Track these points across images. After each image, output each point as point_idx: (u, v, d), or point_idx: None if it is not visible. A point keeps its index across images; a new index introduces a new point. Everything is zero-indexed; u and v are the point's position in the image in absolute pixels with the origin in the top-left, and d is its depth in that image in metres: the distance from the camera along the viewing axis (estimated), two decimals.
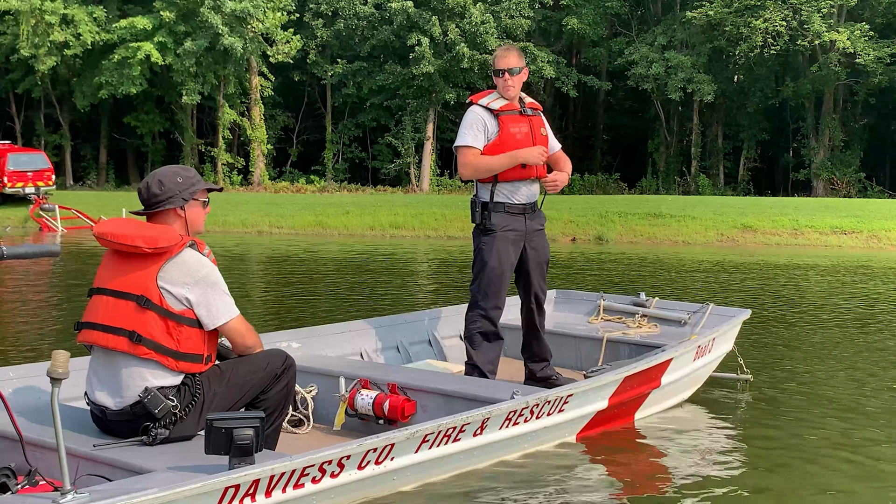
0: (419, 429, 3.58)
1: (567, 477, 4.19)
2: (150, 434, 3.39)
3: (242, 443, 2.75)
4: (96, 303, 3.54)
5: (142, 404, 3.39)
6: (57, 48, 34.00)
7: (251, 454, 2.82)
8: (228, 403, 3.62)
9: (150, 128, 38.84)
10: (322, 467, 3.05)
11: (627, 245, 20.72)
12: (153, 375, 3.42)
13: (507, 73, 5.20)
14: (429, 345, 5.96)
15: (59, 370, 2.66)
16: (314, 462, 3.02)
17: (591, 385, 4.62)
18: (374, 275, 13.87)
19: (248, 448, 2.78)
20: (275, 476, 2.77)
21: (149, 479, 2.86)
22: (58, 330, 8.21)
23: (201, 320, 3.48)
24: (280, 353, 3.84)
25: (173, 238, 3.44)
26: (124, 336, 3.40)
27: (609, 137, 43.62)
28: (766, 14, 33.33)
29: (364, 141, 41.21)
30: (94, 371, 3.58)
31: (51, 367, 2.71)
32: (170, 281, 3.42)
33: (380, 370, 4.80)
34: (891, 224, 21.50)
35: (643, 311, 6.49)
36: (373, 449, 3.36)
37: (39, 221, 24.97)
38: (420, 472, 3.80)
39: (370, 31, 37.22)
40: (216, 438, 2.77)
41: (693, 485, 4.18)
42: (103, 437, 3.47)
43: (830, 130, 35.66)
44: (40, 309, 9.77)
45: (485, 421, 4.06)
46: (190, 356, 3.46)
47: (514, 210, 5.23)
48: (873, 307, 10.46)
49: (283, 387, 3.80)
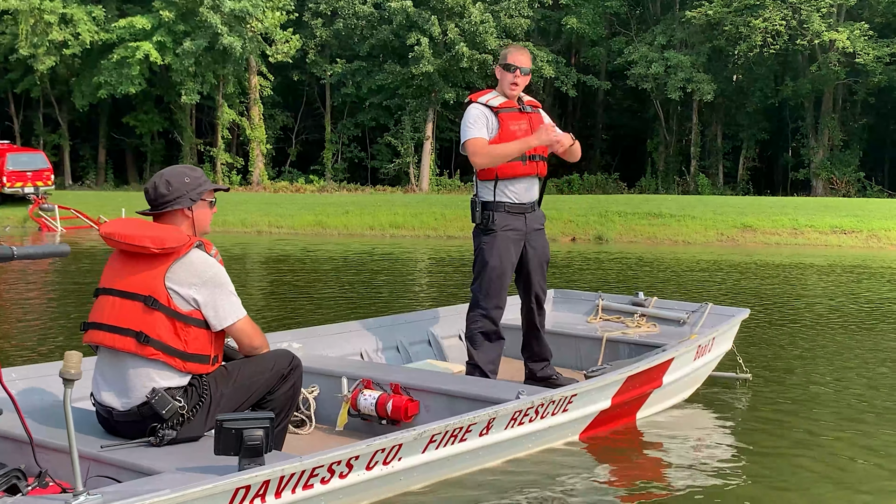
0: (427, 429, 3.58)
1: (572, 477, 4.19)
2: (158, 435, 3.37)
3: (253, 444, 2.74)
4: (103, 303, 3.51)
5: (149, 405, 3.37)
6: (56, 48, 33.97)
7: (261, 455, 2.81)
8: (235, 404, 3.60)
9: (149, 127, 38.83)
10: (331, 468, 3.05)
11: (627, 245, 20.72)
12: (160, 376, 3.41)
13: (519, 70, 5.19)
14: (428, 345, 5.95)
15: (72, 371, 2.64)
16: (324, 462, 3.01)
17: (595, 385, 4.63)
18: (373, 274, 13.86)
19: (258, 449, 2.77)
20: (284, 477, 2.76)
21: (158, 481, 2.85)
22: (58, 330, 8.19)
23: (209, 321, 3.46)
24: (286, 353, 3.83)
25: (181, 238, 3.43)
26: (131, 337, 3.38)
27: (608, 137, 43.64)
28: (765, 14, 33.34)
29: (363, 140, 41.20)
30: (101, 372, 3.56)
31: (63, 368, 2.69)
32: (177, 282, 3.40)
33: (382, 370, 4.80)
34: (891, 223, 21.52)
35: (642, 311, 6.50)
36: (381, 449, 3.35)
37: (38, 221, 24.94)
38: (427, 472, 3.80)
39: (369, 31, 37.21)
40: (226, 439, 2.76)
41: (697, 483, 4.19)
42: (109, 437, 3.46)
43: (830, 130, 35.68)
44: (40, 309, 9.76)
45: (491, 421, 4.06)
46: (197, 357, 3.45)
47: (515, 209, 5.22)
48: (872, 306, 10.45)
49: (290, 387, 3.79)
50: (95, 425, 3.57)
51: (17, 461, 3.15)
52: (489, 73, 35.81)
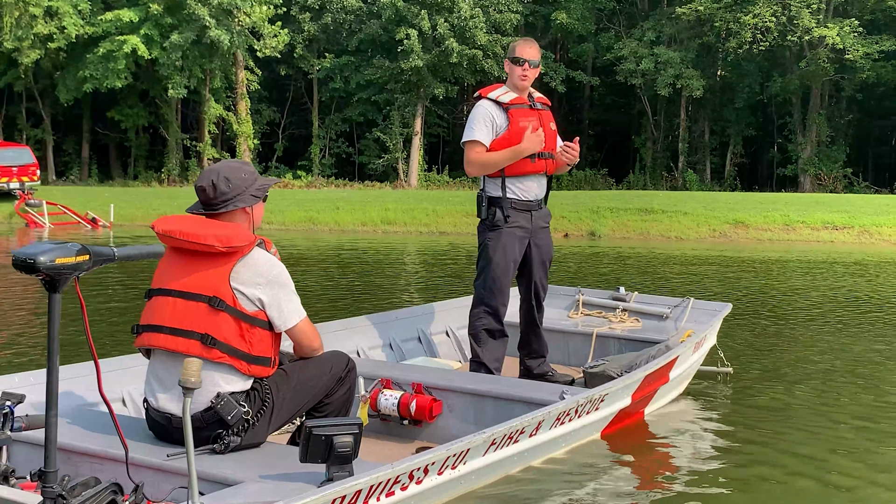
0: (493, 431, 3.52)
1: (602, 473, 4.21)
2: (223, 442, 3.22)
3: (343, 451, 2.64)
4: (160, 304, 3.33)
5: (214, 411, 3.22)
6: (41, 41, 33.54)
7: (350, 462, 2.73)
8: (295, 408, 3.48)
9: (134, 122, 38.49)
10: (412, 474, 2.98)
11: (620, 241, 20.74)
12: (225, 380, 3.26)
13: (528, 63, 5.14)
14: (419, 342, 5.89)
15: (192, 379, 2.54)
16: (410, 469, 2.94)
17: (624, 383, 4.63)
18: (365, 271, 13.78)
19: (347, 456, 2.68)
20: (372, 486, 2.69)
21: (248, 491, 2.74)
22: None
23: (273, 322, 3.32)
24: (342, 355, 3.71)
25: (247, 237, 3.29)
26: (196, 339, 3.22)
27: (594, 133, 43.69)
28: (755, 9, 33.47)
29: (351, 136, 41.04)
30: (157, 376, 3.38)
31: (183, 377, 2.58)
32: (242, 281, 3.26)
33: (400, 370, 4.72)
34: (882, 220, 21.67)
35: (623, 306, 6.50)
36: (454, 454, 3.30)
37: (25, 217, 24.65)
38: (485, 474, 3.75)
39: (358, 25, 37.05)
40: (315, 446, 2.65)
41: (718, 469, 4.32)
42: (163, 445, 3.29)
43: (818, 126, 35.90)
44: (40, 308, 9.59)
45: (541, 422, 4.03)
46: (261, 359, 3.31)
47: (522, 206, 5.17)
48: (859, 302, 10.48)
49: (346, 390, 3.68)
50: (146, 432, 3.41)
51: (70, 472, 3.04)
52: (478, 68, 35.74)
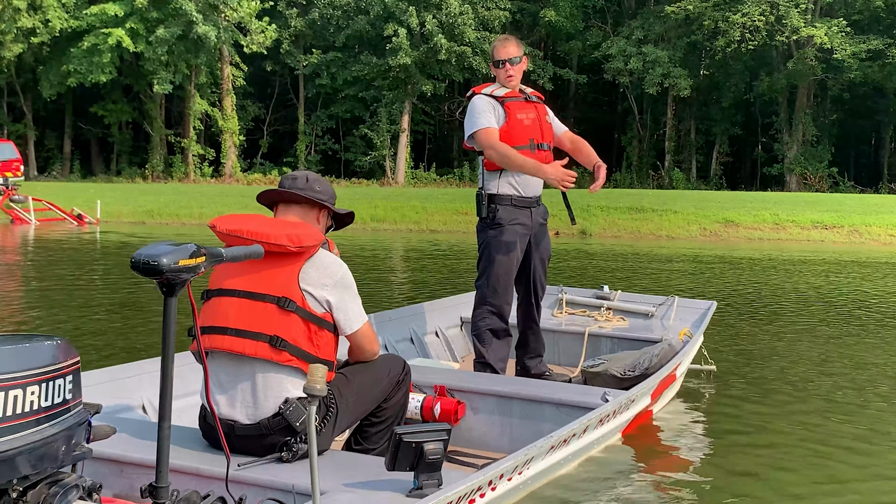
0: (557, 435, 3.48)
1: (633, 473, 4.20)
2: (292, 449, 3.09)
3: (434, 458, 2.57)
4: (224, 305, 3.21)
5: (281, 416, 3.09)
6: (24, 35, 33.13)
7: (439, 469, 2.66)
8: (356, 414, 3.39)
9: (117, 117, 38.15)
10: (490, 481, 2.94)
11: (611, 239, 20.76)
12: (293, 385, 3.14)
13: (508, 63, 5.11)
14: (411, 342, 5.83)
15: (318, 386, 2.45)
16: (493, 475, 2.89)
17: (652, 383, 4.62)
18: (357, 268, 13.70)
19: (437, 463, 2.62)
20: (460, 495, 2.63)
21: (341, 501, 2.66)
22: (58, 330, 7.92)
23: (338, 324, 3.23)
24: (398, 359, 3.62)
25: (317, 237, 3.21)
26: (264, 341, 3.10)
27: (579, 131, 43.75)
28: (744, 8, 33.63)
29: (337, 133, 40.89)
30: (217, 381, 3.23)
31: (308, 383, 2.47)
32: (310, 283, 3.16)
33: (420, 372, 4.66)
34: (871, 219, 21.85)
35: (608, 305, 6.47)
36: (527, 458, 3.26)
37: (10, 213, 24.29)
38: (541, 478, 3.72)
39: (345, 21, 36.90)
40: (405, 453, 2.59)
41: (740, 462, 4.35)
42: (216, 453, 3.14)
43: (804, 125, 36.16)
44: (40, 308, 9.45)
45: (588, 425, 4.00)
46: (326, 363, 3.25)
47: (521, 203, 5.13)
48: (846, 299, 10.54)
49: (403, 395, 3.60)
50: (199, 440, 3.27)
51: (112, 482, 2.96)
52: (467, 65, 35.69)
